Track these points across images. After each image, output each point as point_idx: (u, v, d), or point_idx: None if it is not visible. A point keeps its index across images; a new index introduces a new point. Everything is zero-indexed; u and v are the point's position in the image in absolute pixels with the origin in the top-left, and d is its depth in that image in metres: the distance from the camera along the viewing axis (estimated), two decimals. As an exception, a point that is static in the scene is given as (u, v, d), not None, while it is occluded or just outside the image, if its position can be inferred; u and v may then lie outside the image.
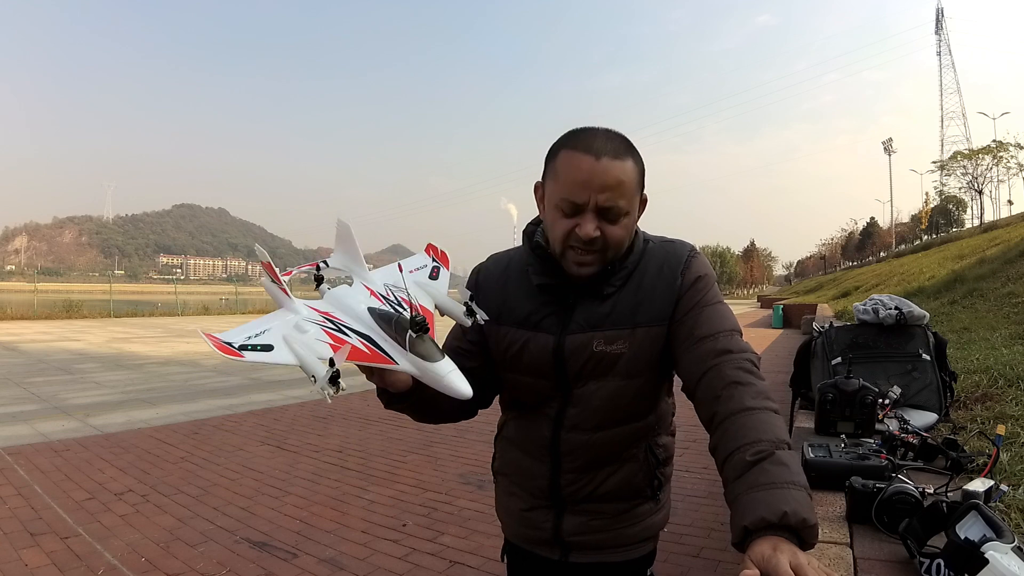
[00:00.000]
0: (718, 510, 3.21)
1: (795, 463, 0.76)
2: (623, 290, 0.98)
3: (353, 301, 0.94)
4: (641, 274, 0.99)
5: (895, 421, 1.69)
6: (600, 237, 0.91)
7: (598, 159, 0.89)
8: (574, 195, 0.90)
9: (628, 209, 0.92)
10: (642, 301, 0.97)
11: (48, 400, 6.24)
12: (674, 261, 0.99)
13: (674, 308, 0.96)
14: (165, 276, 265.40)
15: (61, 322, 18.01)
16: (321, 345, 0.87)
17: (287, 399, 6.50)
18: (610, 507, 1.05)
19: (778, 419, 0.82)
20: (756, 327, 19.61)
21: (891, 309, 2.17)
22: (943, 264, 14.55)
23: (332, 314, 0.92)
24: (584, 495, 1.04)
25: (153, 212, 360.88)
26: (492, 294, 1.05)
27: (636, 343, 0.96)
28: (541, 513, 1.08)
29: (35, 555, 2.64)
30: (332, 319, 0.91)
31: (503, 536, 1.19)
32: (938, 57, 74.17)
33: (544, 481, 1.05)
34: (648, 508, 1.08)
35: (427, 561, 2.67)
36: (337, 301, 0.95)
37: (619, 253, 0.96)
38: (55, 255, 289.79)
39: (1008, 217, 38.96)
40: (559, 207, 0.93)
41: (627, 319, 0.96)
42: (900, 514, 1.04)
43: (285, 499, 3.44)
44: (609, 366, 0.97)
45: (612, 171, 0.89)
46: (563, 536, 1.06)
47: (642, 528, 1.08)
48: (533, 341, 1.00)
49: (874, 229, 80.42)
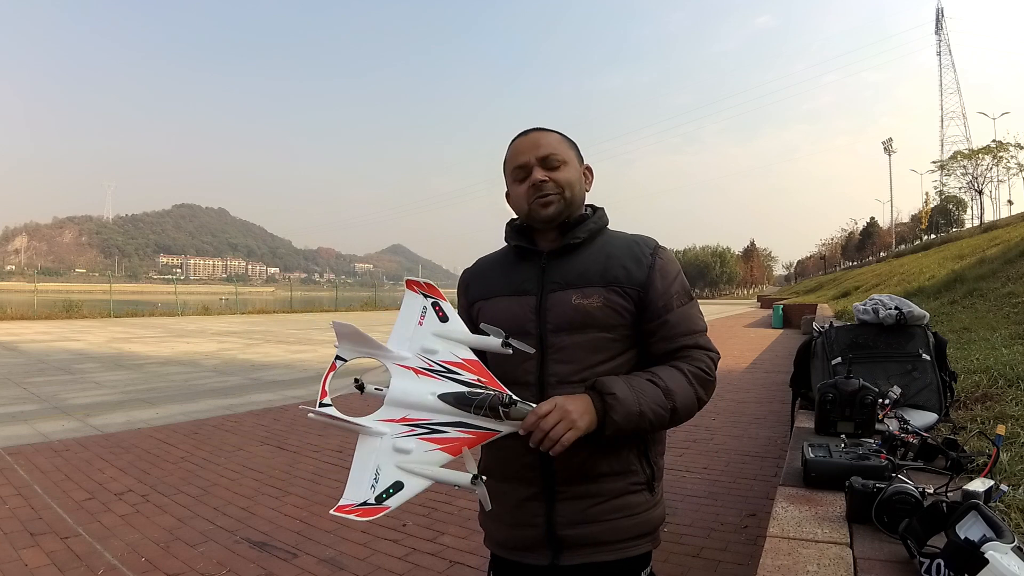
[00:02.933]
0: (718, 510, 3.21)
1: (658, 395, 1.00)
2: (590, 250, 1.11)
3: (415, 395, 0.95)
4: (607, 242, 1.13)
5: (895, 421, 1.69)
6: (550, 181, 1.09)
7: (527, 135, 1.13)
8: (518, 160, 1.11)
9: (564, 158, 1.11)
10: (610, 265, 1.09)
11: (48, 400, 6.24)
12: (644, 241, 1.14)
13: (646, 279, 1.07)
14: (165, 276, 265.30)
15: (61, 322, 18.02)
16: (434, 454, 0.92)
17: (287, 399, 6.50)
18: (604, 488, 1.05)
19: (682, 380, 1.03)
20: (756, 327, 19.61)
21: (891, 309, 2.17)
22: (943, 264, 14.54)
23: (410, 418, 0.94)
24: (575, 470, 1.04)
25: (153, 212, 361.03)
26: (480, 281, 1.20)
27: (610, 300, 1.06)
28: (532, 507, 1.07)
29: (35, 555, 2.64)
30: (416, 422, 0.93)
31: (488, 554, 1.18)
32: (938, 57, 74.16)
33: (532, 456, 1.02)
34: (643, 500, 1.09)
35: (427, 561, 2.67)
36: (401, 402, 0.95)
37: (573, 194, 1.11)
38: (55, 255, 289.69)
39: (1008, 217, 38.94)
40: (514, 179, 1.13)
41: (599, 277, 1.08)
42: (900, 514, 1.04)
43: (285, 499, 3.44)
44: (588, 319, 1.05)
45: (541, 137, 1.12)
46: (556, 530, 1.05)
47: (637, 522, 1.08)
48: (517, 304, 1.11)
49: (874, 229, 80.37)
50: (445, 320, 1.03)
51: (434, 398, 0.93)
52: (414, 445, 0.91)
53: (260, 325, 18.50)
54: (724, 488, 3.58)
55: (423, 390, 0.94)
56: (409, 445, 0.91)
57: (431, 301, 1.05)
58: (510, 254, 1.18)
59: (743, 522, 3.06)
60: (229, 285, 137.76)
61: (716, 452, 4.37)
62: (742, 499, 3.40)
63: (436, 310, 1.04)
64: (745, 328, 19.19)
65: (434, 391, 0.94)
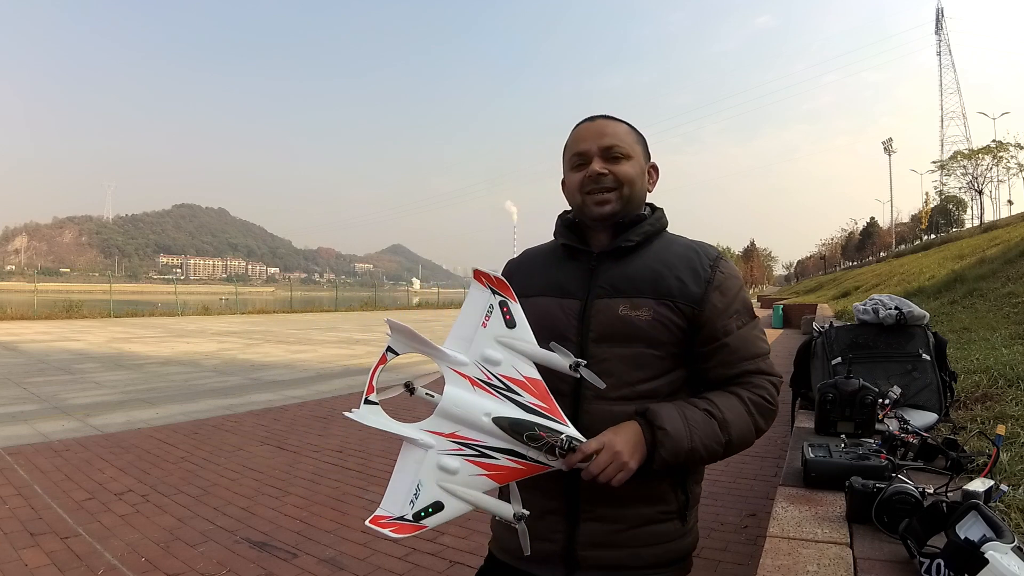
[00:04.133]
0: (718, 510, 3.21)
1: (712, 428, 0.94)
2: (644, 255, 1.02)
3: (469, 411, 0.89)
4: (664, 248, 1.04)
5: (895, 421, 1.69)
6: (609, 175, 1.01)
7: (593, 121, 1.05)
8: (578, 147, 1.03)
9: (629, 152, 1.03)
10: (665, 275, 1.00)
11: (48, 400, 6.24)
12: (704, 250, 1.04)
13: (703, 296, 0.99)
14: (165, 276, 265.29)
15: (61, 322, 18.01)
16: (479, 479, 0.88)
17: (287, 399, 6.50)
18: (631, 513, 0.98)
19: (741, 409, 0.98)
20: (756, 327, 19.59)
21: (891, 309, 2.17)
22: (943, 264, 14.54)
23: (460, 435, 0.89)
24: (601, 491, 0.94)
25: (153, 212, 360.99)
26: (523, 274, 1.12)
27: (660, 314, 0.98)
28: (553, 521, 0.99)
29: (35, 555, 2.64)
30: (465, 442, 0.88)
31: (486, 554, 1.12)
32: (938, 57, 74.19)
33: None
34: (673, 528, 1.01)
35: (427, 561, 2.67)
36: (452, 415, 0.90)
37: (633, 192, 1.03)
38: (55, 255, 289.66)
39: (1008, 217, 38.94)
40: (571, 166, 1.05)
41: (651, 287, 0.99)
42: (900, 514, 1.04)
43: (285, 499, 3.43)
44: (634, 332, 0.97)
45: (607, 125, 1.04)
46: (576, 549, 0.98)
47: (664, 551, 1.00)
48: (559, 306, 1.03)
49: (874, 229, 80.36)
50: (512, 326, 0.93)
51: (489, 420, 0.88)
52: (460, 465, 0.87)
53: (260, 325, 18.50)
54: (724, 488, 3.58)
55: (478, 408, 0.89)
56: (455, 464, 0.87)
57: (499, 300, 0.95)
58: (558, 250, 1.09)
59: (743, 522, 3.06)
60: (229, 285, 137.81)
61: (716, 452, 4.37)
62: (742, 499, 3.40)
63: (503, 311, 0.94)
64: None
65: (489, 412, 0.88)
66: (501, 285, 0.95)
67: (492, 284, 0.95)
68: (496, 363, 0.91)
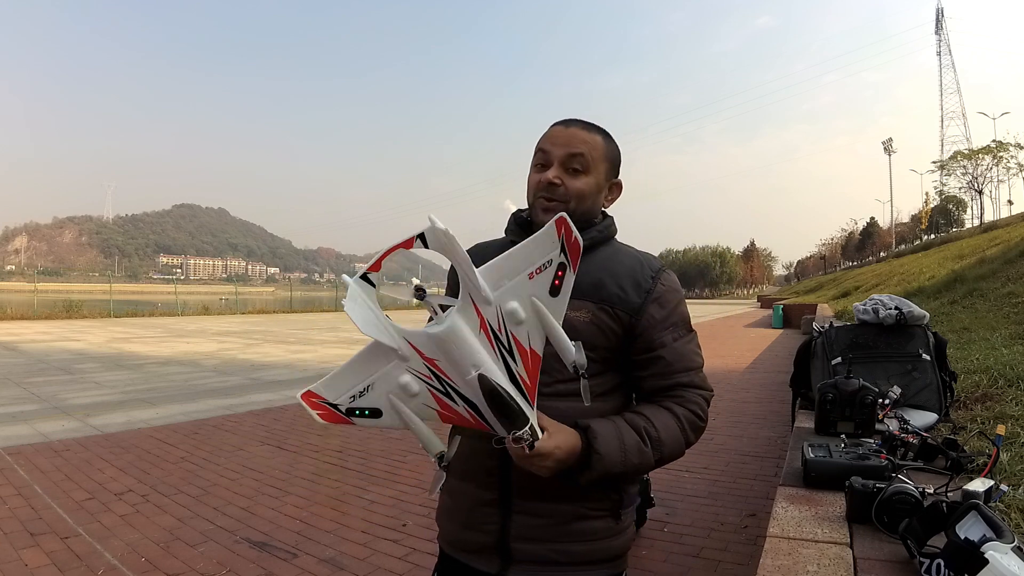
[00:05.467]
0: (718, 510, 3.21)
1: (646, 454, 0.95)
2: (590, 261, 1.02)
3: (464, 355, 0.83)
4: (610, 256, 1.05)
5: (895, 421, 1.69)
6: (561, 186, 1.01)
7: (567, 127, 1.04)
8: (544, 146, 1.03)
9: (590, 168, 1.02)
10: (607, 283, 1.01)
11: (48, 400, 6.24)
12: (648, 262, 1.05)
13: (641, 306, 1.00)
14: (165, 276, 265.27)
15: (61, 322, 18.01)
16: (428, 411, 0.86)
17: (287, 399, 6.50)
18: (562, 508, 0.99)
19: (675, 427, 0.98)
20: (756, 327, 19.61)
21: (891, 309, 2.18)
22: (943, 264, 14.55)
23: (439, 366, 0.84)
24: (532, 486, 0.96)
25: (153, 212, 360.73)
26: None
27: (599, 318, 0.99)
28: (487, 512, 1.01)
29: (35, 555, 2.64)
30: (440, 375, 0.85)
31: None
32: (938, 57, 74.18)
33: (494, 463, 0.98)
34: (605, 526, 1.01)
35: (427, 561, 2.67)
36: (444, 347, 0.83)
37: (581, 207, 1.02)
38: (55, 255, 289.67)
39: (1008, 217, 38.97)
40: (534, 163, 1.05)
41: (593, 292, 1.00)
42: (900, 514, 1.04)
43: (285, 499, 3.44)
44: (571, 332, 0.94)
45: (578, 135, 1.03)
46: (508, 541, 1.00)
47: (595, 548, 1.00)
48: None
49: (874, 229, 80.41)
50: (555, 294, 0.85)
51: (473, 375, 0.82)
52: (419, 390, 0.85)
53: (260, 325, 18.50)
54: (724, 488, 3.58)
55: (472, 355, 0.83)
56: (416, 388, 0.85)
57: (561, 261, 0.83)
58: (507, 246, 1.09)
59: (743, 522, 3.06)
60: (229, 285, 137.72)
61: (716, 452, 4.37)
62: (742, 499, 3.40)
63: (558, 274, 0.84)
64: (745, 328, 19.19)
65: (479, 365, 0.82)
66: (574, 249, 0.83)
67: (567, 242, 0.83)
68: (518, 322, 0.85)
